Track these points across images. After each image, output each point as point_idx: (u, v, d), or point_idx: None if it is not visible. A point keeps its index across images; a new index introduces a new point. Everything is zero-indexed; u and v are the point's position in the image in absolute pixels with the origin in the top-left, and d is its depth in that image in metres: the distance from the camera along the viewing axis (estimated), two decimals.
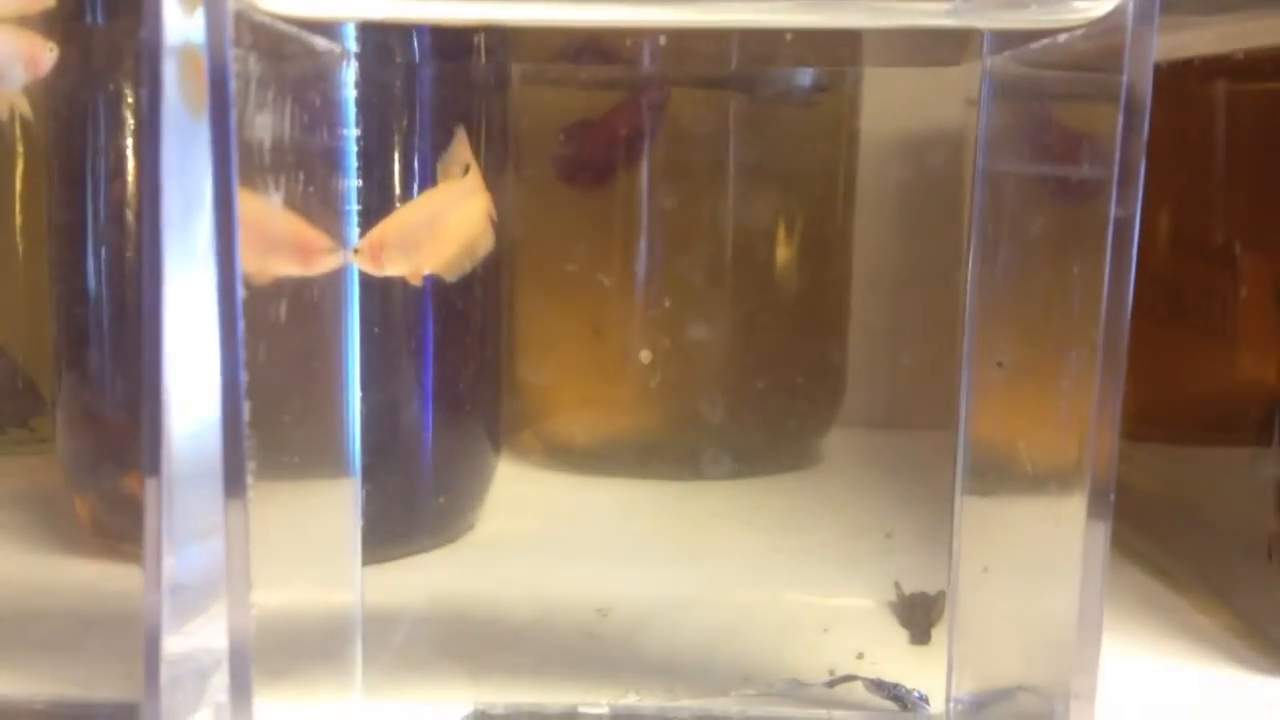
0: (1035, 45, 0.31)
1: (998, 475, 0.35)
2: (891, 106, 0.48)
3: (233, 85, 0.28)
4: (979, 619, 0.35)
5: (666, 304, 0.46)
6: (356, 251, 0.34)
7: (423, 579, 0.43)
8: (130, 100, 0.41)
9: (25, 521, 0.48)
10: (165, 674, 0.32)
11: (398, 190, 0.43)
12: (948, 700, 0.36)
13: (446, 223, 0.36)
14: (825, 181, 0.50)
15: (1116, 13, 0.27)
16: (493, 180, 0.45)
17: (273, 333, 0.30)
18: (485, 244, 0.36)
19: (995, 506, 0.35)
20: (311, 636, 0.35)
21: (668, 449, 0.48)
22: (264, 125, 0.29)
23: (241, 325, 0.28)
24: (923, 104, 0.43)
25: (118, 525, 0.44)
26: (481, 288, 0.46)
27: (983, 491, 0.35)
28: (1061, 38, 0.30)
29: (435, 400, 0.45)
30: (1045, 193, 0.32)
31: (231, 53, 0.27)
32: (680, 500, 0.47)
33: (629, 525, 0.45)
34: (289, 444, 0.32)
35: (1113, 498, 0.28)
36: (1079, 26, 0.28)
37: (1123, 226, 0.26)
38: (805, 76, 0.48)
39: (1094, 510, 0.29)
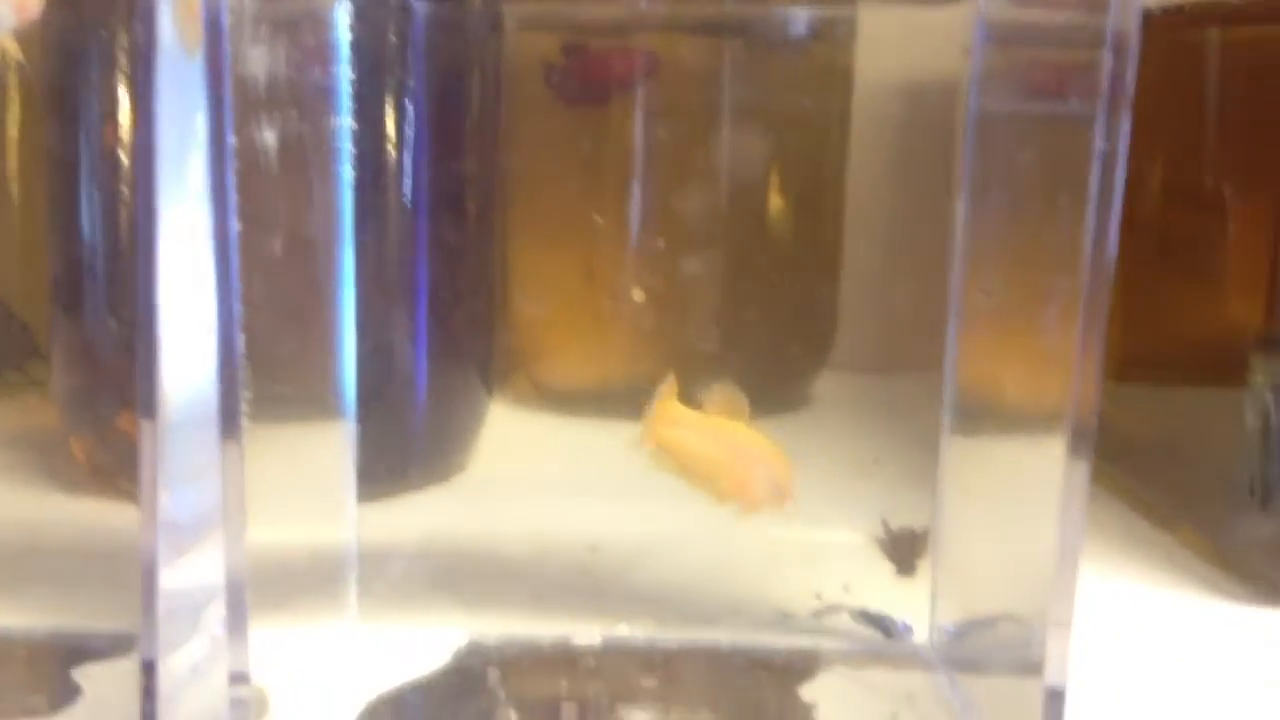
0: None
1: (983, 414, 0.35)
2: (886, 52, 0.48)
3: (226, 22, 0.28)
4: (962, 551, 0.36)
5: (660, 244, 0.46)
6: None
7: (417, 517, 0.43)
8: (123, 39, 0.41)
9: (22, 462, 0.48)
10: (162, 606, 0.32)
11: (390, 132, 0.43)
12: (931, 629, 0.36)
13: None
14: (819, 125, 0.50)
15: None
16: (485, 123, 0.45)
17: (268, 267, 0.30)
18: None
19: (980, 444, 0.36)
20: (308, 571, 0.35)
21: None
22: (258, 63, 0.30)
23: (236, 258, 0.28)
24: (917, 50, 0.43)
25: (114, 464, 0.45)
26: (476, 228, 0.46)
27: (968, 430, 0.36)
28: None
29: (429, 341, 0.45)
30: (1035, 132, 0.32)
31: None
32: None
33: (620, 465, 0.45)
34: (284, 378, 0.32)
35: (1095, 434, 0.29)
36: None
37: (1108, 160, 0.26)
38: (800, 24, 0.48)
39: (1075, 446, 0.29)
